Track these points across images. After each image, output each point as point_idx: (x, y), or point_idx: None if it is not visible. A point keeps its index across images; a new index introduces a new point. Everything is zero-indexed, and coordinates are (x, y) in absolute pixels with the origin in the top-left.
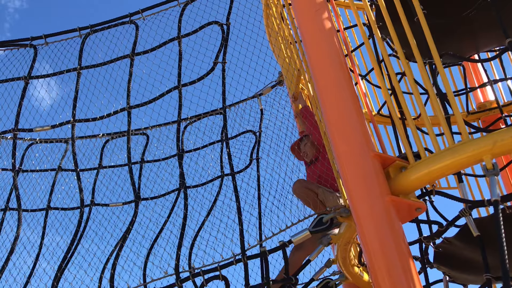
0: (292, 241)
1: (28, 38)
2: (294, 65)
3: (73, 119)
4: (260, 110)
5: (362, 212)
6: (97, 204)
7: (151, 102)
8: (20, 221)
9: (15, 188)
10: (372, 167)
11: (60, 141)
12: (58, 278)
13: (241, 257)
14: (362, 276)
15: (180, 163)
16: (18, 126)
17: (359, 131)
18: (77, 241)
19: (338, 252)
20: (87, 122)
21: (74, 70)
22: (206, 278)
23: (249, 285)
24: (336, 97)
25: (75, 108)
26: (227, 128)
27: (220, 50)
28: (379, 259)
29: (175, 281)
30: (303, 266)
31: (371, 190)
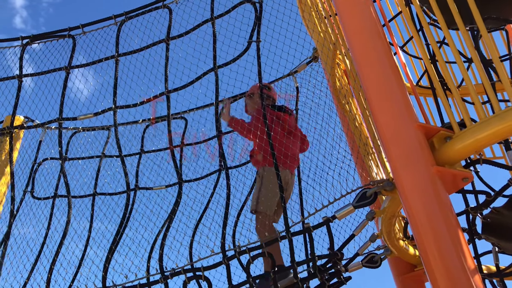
0: (336, 217)
1: (66, 29)
2: (330, 39)
3: (115, 106)
4: (295, 88)
5: (407, 184)
6: (141, 188)
7: (188, 86)
8: (70, 207)
9: (64, 175)
10: (415, 138)
11: (102, 128)
12: (109, 259)
13: (285, 234)
14: (407, 249)
15: (220, 144)
16: (62, 115)
17: (400, 102)
18: (125, 224)
19: (382, 226)
20: (128, 108)
21: (112, 57)
22: (252, 255)
23: (294, 261)
24: (376, 69)
25: (115, 95)
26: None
27: (253, 29)
28: (427, 231)
29: (222, 259)
30: (347, 241)
31: (415, 161)
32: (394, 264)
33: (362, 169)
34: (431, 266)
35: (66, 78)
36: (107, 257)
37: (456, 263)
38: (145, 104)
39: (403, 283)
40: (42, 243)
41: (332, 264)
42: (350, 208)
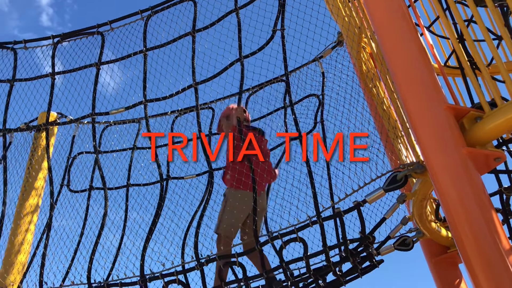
0: (367, 201)
1: (95, 26)
2: (354, 23)
3: (145, 100)
4: (321, 73)
5: (437, 166)
6: (173, 177)
7: (215, 77)
8: (106, 199)
9: (99, 168)
10: (445, 120)
11: (133, 121)
12: (146, 248)
13: (316, 219)
14: (439, 231)
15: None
16: (95, 110)
17: (428, 83)
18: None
19: (414, 208)
20: (158, 102)
21: (140, 52)
22: (285, 240)
23: (326, 245)
24: (402, 51)
25: (145, 89)
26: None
27: (277, 17)
28: (459, 213)
29: (255, 245)
30: (378, 225)
31: (445, 143)
32: (426, 246)
33: (392, 152)
34: (465, 248)
35: (97, 74)
36: (144, 246)
37: (490, 244)
38: (174, 96)
39: (436, 265)
40: (81, 234)
41: (363, 248)
42: (381, 192)
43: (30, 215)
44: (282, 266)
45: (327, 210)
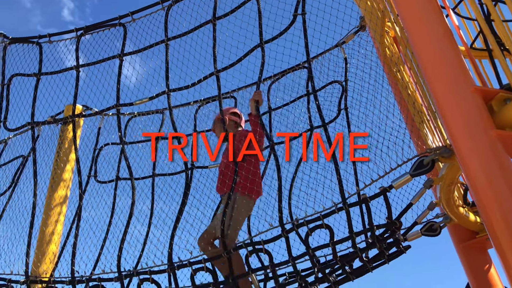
0: (393, 186)
1: (116, 18)
2: (377, 7)
3: (168, 89)
4: (344, 59)
5: (466, 150)
6: (198, 166)
7: (236, 64)
8: (133, 188)
9: (125, 158)
10: (473, 102)
11: (156, 112)
12: (173, 235)
13: (342, 205)
14: (468, 216)
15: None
16: (119, 101)
17: (455, 66)
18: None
19: (441, 193)
20: (181, 91)
21: (162, 42)
22: (311, 227)
23: (353, 232)
24: (427, 33)
25: (168, 79)
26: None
27: (298, 2)
28: (489, 197)
29: (281, 232)
30: (405, 210)
31: (474, 126)
32: (454, 231)
33: (417, 137)
34: (495, 233)
35: (120, 65)
36: (172, 234)
37: None
38: (196, 85)
39: (465, 250)
40: (109, 223)
41: (390, 234)
42: (407, 177)
43: (59, 206)
44: (309, 253)
45: (353, 197)
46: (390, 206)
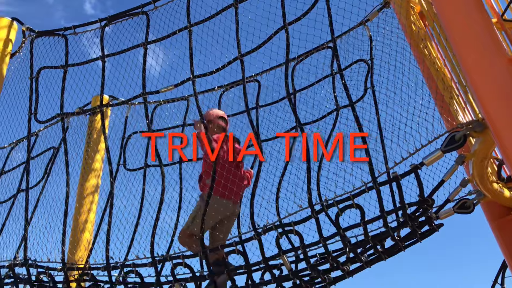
0: (425, 163)
1: (139, 6)
2: None
3: (192, 76)
4: (369, 37)
5: (500, 123)
6: None
7: (260, 47)
8: (163, 175)
9: (154, 146)
10: (507, 74)
11: (181, 99)
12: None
13: (372, 185)
14: (502, 192)
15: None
16: (145, 90)
17: (487, 37)
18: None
19: (473, 169)
20: (205, 77)
21: (185, 28)
22: (341, 207)
23: (384, 210)
24: (457, 5)
25: (192, 65)
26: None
27: None
28: None
29: (311, 213)
30: (437, 187)
31: (509, 98)
32: (488, 208)
33: (447, 113)
34: None
35: (145, 53)
36: (202, 219)
37: None
38: (220, 70)
39: (500, 227)
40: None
41: (422, 212)
42: (439, 153)
43: (91, 195)
44: (339, 233)
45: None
46: (422, 183)
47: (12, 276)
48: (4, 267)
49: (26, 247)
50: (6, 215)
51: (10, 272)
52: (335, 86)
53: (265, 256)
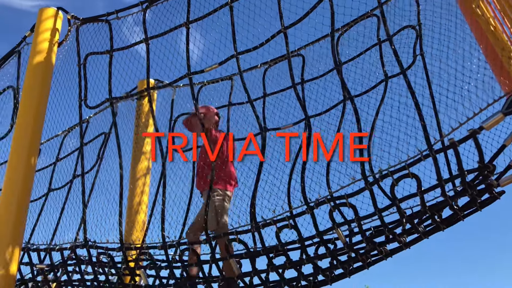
0: (484, 127)
1: None
2: None
3: (236, 52)
4: (415, 1)
5: None
6: (270, 129)
7: (303, 18)
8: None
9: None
10: None
11: (224, 79)
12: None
13: (428, 152)
14: None
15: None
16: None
17: None
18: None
19: None
20: (249, 53)
21: (226, 5)
22: (396, 177)
23: (441, 179)
24: None
25: (235, 42)
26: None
27: None
28: None
29: (364, 185)
30: (498, 152)
31: None
32: None
33: (506, 75)
34: None
35: (187, 33)
36: (253, 195)
37: None
38: (264, 45)
39: None
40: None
41: (482, 179)
42: (499, 116)
43: (143, 177)
44: (395, 203)
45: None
46: (481, 149)
47: (74, 258)
48: (67, 249)
49: (86, 229)
50: (64, 200)
51: (72, 253)
52: (382, 56)
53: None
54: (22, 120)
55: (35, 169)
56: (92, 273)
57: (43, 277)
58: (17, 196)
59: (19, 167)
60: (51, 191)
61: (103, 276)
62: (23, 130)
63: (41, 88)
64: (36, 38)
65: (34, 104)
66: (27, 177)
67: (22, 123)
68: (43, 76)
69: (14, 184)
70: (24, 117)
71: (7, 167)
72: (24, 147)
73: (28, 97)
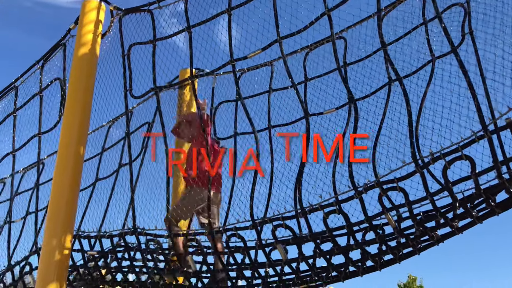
0: None
1: None
2: None
3: (279, 37)
4: None
5: None
6: (313, 114)
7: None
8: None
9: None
10: None
11: (265, 64)
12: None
13: (483, 133)
14: None
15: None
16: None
17: None
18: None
19: None
20: (293, 37)
21: None
22: (448, 160)
23: (497, 161)
24: None
25: (278, 27)
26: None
27: None
28: None
29: (415, 168)
30: None
31: None
32: None
33: None
34: None
35: (229, 20)
36: (297, 179)
37: None
38: (308, 28)
39: None
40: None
41: None
42: None
43: None
44: (448, 187)
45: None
46: None
47: (123, 244)
48: (116, 236)
49: (134, 216)
50: (111, 188)
51: (121, 240)
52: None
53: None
54: (70, 111)
55: (83, 159)
56: (141, 260)
57: (94, 263)
58: (68, 185)
59: (69, 157)
60: (98, 180)
61: (152, 263)
62: (71, 121)
63: (87, 79)
64: (80, 30)
65: (81, 96)
66: (76, 166)
67: (69, 114)
68: (88, 68)
69: (64, 174)
70: (72, 108)
71: (57, 157)
72: (72, 138)
73: (75, 89)
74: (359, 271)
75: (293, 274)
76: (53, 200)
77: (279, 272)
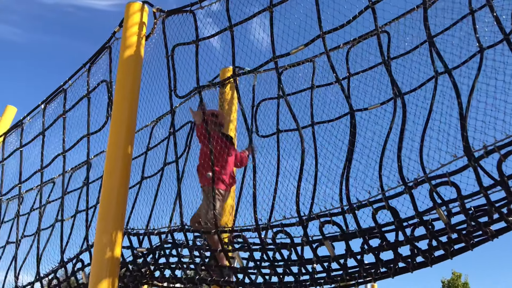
0: None
1: None
2: None
3: (322, 32)
4: None
5: None
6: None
7: None
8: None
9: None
10: None
11: (306, 61)
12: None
13: None
14: None
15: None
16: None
17: None
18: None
19: None
20: (336, 31)
21: None
22: (503, 153)
23: None
24: None
25: (320, 22)
26: None
27: None
28: None
29: (468, 162)
30: None
31: None
32: None
33: None
34: None
35: (271, 17)
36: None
37: None
38: (351, 22)
39: None
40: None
41: None
42: None
43: None
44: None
45: None
46: None
47: (170, 241)
48: (164, 233)
49: (182, 214)
50: (157, 186)
51: (168, 237)
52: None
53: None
54: (117, 112)
55: (131, 158)
56: (189, 256)
57: (143, 259)
58: (117, 183)
59: (117, 156)
60: (144, 179)
61: (199, 259)
62: (119, 122)
63: (133, 81)
64: (125, 33)
65: (127, 97)
66: (125, 165)
67: (117, 115)
68: (134, 69)
69: (114, 173)
70: (119, 109)
71: (106, 157)
72: (120, 137)
73: (121, 90)
74: (409, 267)
75: (341, 270)
76: (104, 199)
77: (327, 268)
